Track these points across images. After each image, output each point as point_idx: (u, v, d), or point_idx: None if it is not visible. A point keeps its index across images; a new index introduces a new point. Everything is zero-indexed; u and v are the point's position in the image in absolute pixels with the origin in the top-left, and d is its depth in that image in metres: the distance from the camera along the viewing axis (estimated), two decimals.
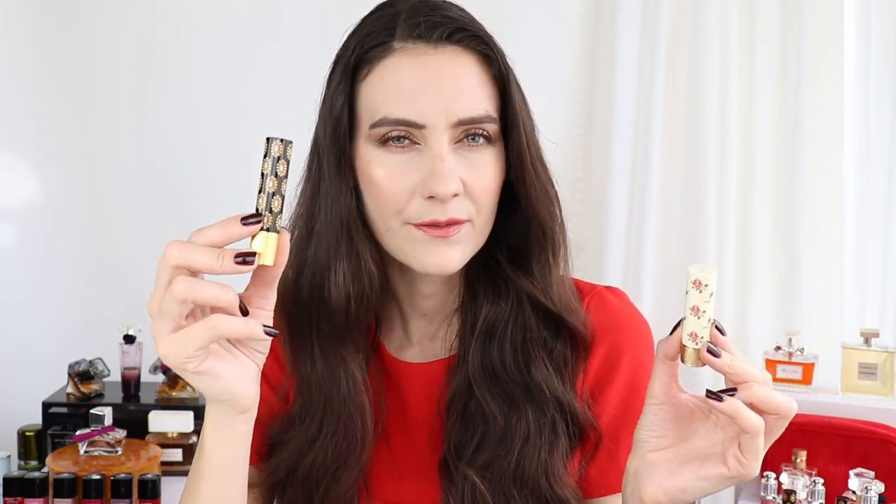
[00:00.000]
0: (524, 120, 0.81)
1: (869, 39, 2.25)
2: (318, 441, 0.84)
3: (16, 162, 2.34)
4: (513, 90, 0.81)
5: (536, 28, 2.28)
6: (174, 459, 1.91)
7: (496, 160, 0.80)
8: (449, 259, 0.79)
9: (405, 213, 0.78)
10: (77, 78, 2.31)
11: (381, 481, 0.87)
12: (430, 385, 0.87)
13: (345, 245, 0.82)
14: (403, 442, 0.88)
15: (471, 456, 0.82)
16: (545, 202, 0.83)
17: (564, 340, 0.85)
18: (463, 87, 0.78)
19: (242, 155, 2.33)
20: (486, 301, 0.85)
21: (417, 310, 0.89)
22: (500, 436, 0.82)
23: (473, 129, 0.78)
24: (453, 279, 0.87)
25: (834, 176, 2.23)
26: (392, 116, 0.77)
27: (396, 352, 0.90)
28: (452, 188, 0.76)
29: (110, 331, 2.15)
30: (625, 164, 2.29)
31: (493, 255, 0.85)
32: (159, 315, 0.65)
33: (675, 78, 2.28)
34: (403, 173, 0.78)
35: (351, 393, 0.84)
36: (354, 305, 0.83)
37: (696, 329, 0.67)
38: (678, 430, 0.70)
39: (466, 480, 0.81)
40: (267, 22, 2.32)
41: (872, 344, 1.91)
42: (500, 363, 0.84)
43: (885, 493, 1.63)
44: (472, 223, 0.80)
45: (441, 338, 0.89)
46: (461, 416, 0.84)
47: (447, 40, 0.78)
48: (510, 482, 0.81)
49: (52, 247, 2.33)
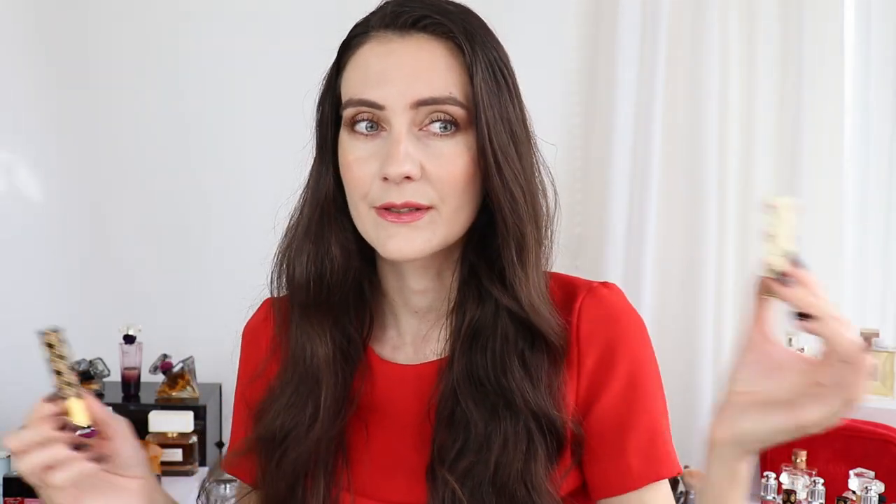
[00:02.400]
0: (487, 109, 0.79)
1: (869, 39, 2.25)
2: (281, 411, 0.87)
3: (16, 162, 2.34)
4: (479, 79, 0.80)
5: (536, 28, 2.28)
6: (174, 459, 1.91)
7: (466, 150, 0.79)
8: (409, 244, 0.79)
9: (369, 196, 0.80)
10: (77, 78, 2.31)
11: (365, 480, 0.87)
12: (421, 387, 0.87)
13: (315, 227, 0.85)
14: (393, 441, 0.88)
15: (451, 462, 0.82)
16: (507, 199, 0.80)
17: (540, 347, 0.84)
18: (424, 69, 0.79)
19: (242, 155, 2.34)
20: (471, 305, 0.85)
21: (409, 307, 0.89)
22: (479, 443, 0.82)
23: (436, 111, 0.78)
24: (444, 275, 0.87)
25: (834, 176, 2.23)
26: (356, 97, 0.80)
27: (390, 353, 0.90)
28: (403, 169, 0.77)
29: (110, 331, 2.15)
30: (625, 164, 2.29)
31: (477, 256, 0.85)
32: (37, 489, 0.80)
33: (675, 78, 2.28)
34: (368, 158, 0.79)
35: (311, 368, 0.86)
36: (314, 286, 0.85)
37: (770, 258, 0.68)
38: (768, 376, 0.73)
39: (447, 487, 0.81)
40: (267, 22, 2.32)
41: (872, 344, 1.91)
42: (483, 370, 0.83)
43: (885, 493, 1.63)
44: (438, 211, 0.79)
45: (434, 339, 0.89)
46: (447, 421, 0.84)
47: (412, 27, 0.80)
48: (489, 489, 0.81)
49: (53, 247, 2.33)
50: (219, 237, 2.33)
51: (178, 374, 2.08)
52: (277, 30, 2.31)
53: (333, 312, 0.87)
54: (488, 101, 0.80)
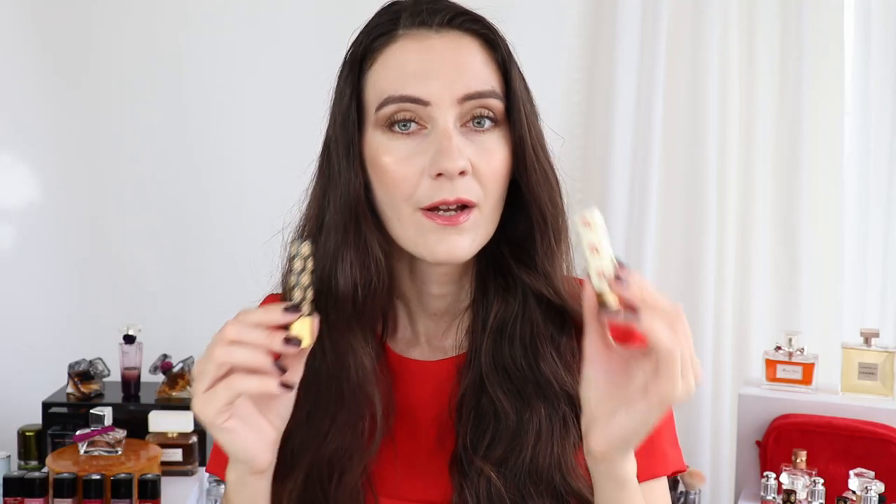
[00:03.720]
0: (525, 103, 0.82)
1: (869, 39, 2.25)
2: (329, 434, 0.84)
3: (16, 162, 2.34)
4: (515, 73, 0.82)
5: (537, 27, 2.28)
6: (174, 459, 1.91)
7: (503, 143, 0.81)
8: (459, 246, 0.79)
9: (415, 196, 0.79)
10: (77, 78, 2.31)
11: (387, 480, 0.87)
12: (439, 383, 0.87)
13: (353, 233, 0.83)
14: (411, 440, 0.88)
15: (485, 451, 0.82)
16: (545, 187, 0.83)
17: (570, 332, 0.85)
18: (467, 65, 0.80)
19: (242, 155, 2.34)
20: (496, 298, 0.85)
21: (427, 310, 0.89)
22: (512, 432, 0.82)
23: (479, 107, 0.79)
24: (463, 279, 0.87)
25: (834, 176, 2.24)
26: (397, 94, 0.78)
27: (404, 350, 0.90)
28: (460, 164, 0.77)
29: (110, 331, 2.15)
30: (625, 164, 2.29)
31: (500, 250, 0.85)
32: (199, 376, 0.73)
33: (675, 78, 2.28)
34: (411, 157, 0.79)
35: (360, 382, 0.83)
36: (361, 293, 0.83)
37: (601, 267, 0.70)
38: (615, 382, 0.73)
39: (482, 475, 0.81)
40: (267, 22, 2.32)
41: (872, 344, 1.91)
42: (510, 360, 0.84)
43: (885, 493, 1.63)
44: (480, 209, 0.80)
45: (451, 336, 0.89)
46: (474, 413, 0.84)
47: (449, 25, 0.81)
48: (525, 477, 0.81)
49: (52, 247, 2.33)
50: (219, 237, 2.33)
51: (178, 374, 2.08)
52: (277, 30, 2.31)
53: (371, 321, 0.86)
54: (523, 94, 0.82)
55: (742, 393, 1.96)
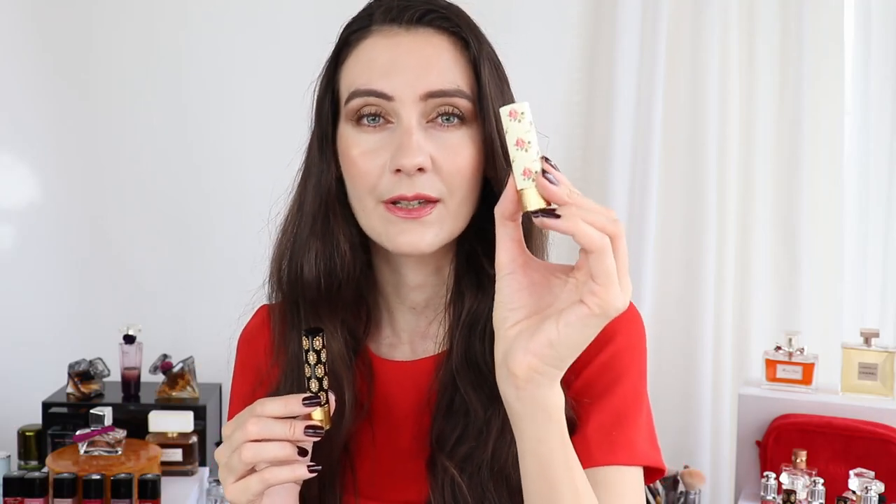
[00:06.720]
0: (495, 102, 0.81)
1: (869, 39, 2.25)
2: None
3: (16, 162, 2.34)
4: (486, 72, 0.82)
5: (537, 28, 2.28)
6: (174, 459, 1.91)
7: (471, 142, 0.81)
8: (422, 238, 0.80)
9: (378, 189, 0.80)
10: (77, 78, 2.31)
11: (367, 481, 0.87)
12: (418, 382, 0.87)
13: (321, 224, 0.85)
14: (391, 441, 0.88)
15: (451, 450, 0.83)
16: None
17: None
18: (433, 62, 0.80)
19: (242, 155, 2.34)
20: (468, 295, 0.85)
21: (405, 303, 0.89)
22: (478, 429, 0.82)
23: (445, 104, 0.80)
24: (442, 271, 0.88)
25: (834, 176, 2.24)
26: (363, 88, 0.80)
27: (386, 352, 0.90)
28: (417, 160, 0.77)
29: (110, 331, 2.15)
30: (625, 164, 2.29)
31: (474, 247, 0.86)
32: (227, 468, 0.76)
33: (675, 78, 2.28)
34: (376, 150, 0.80)
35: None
36: (325, 283, 0.85)
37: (527, 164, 0.65)
38: (536, 299, 0.69)
39: (447, 474, 0.82)
40: (267, 22, 2.32)
41: (872, 344, 1.91)
42: (480, 356, 0.84)
43: (885, 493, 1.63)
44: (445, 204, 0.80)
45: (433, 335, 0.89)
46: (447, 410, 0.84)
47: (419, 22, 0.82)
48: (486, 474, 0.81)
49: (52, 247, 2.33)
50: (219, 237, 2.33)
51: (178, 374, 2.08)
52: (277, 30, 2.31)
53: (341, 309, 0.87)
54: (494, 93, 0.82)
55: (742, 393, 1.96)
